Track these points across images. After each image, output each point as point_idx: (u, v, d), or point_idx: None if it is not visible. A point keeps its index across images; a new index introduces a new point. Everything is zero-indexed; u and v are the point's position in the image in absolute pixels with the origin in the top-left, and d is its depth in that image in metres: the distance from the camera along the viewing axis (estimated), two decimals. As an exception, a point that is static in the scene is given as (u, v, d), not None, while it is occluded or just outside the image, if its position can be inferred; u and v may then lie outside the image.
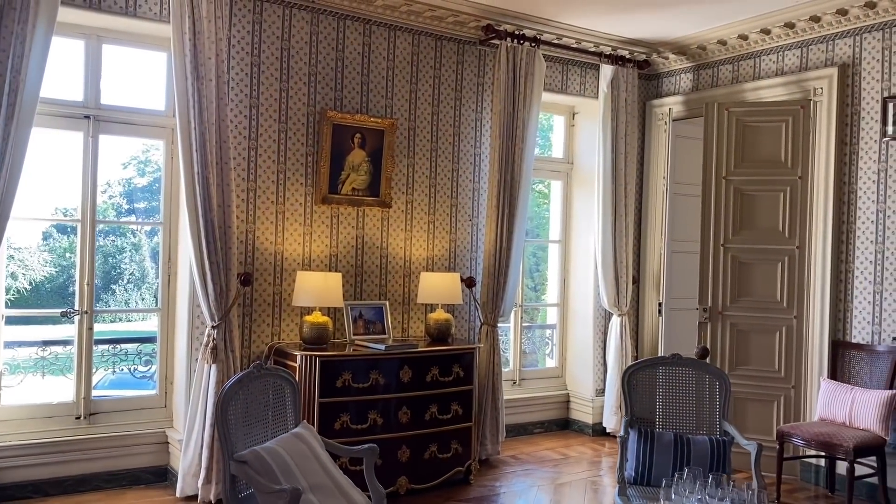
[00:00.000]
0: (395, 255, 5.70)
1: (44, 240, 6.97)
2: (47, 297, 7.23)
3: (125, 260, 7.95)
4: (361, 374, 4.78)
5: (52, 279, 7.35)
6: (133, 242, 7.96)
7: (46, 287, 7.31)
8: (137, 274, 7.85)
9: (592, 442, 6.46)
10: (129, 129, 5.07)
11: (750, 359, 5.72)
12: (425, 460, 5.01)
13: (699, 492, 2.64)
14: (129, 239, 7.85)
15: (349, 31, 5.45)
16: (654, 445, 3.90)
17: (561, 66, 6.51)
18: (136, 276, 7.82)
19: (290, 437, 3.22)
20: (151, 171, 7.28)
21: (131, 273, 7.83)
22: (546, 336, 7.30)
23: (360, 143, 5.45)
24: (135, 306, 7.65)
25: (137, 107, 5.08)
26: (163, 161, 5.19)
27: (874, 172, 5.25)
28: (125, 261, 7.93)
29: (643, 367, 4.27)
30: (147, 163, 7.41)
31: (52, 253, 7.27)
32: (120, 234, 8.11)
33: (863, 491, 5.07)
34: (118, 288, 7.77)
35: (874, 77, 5.26)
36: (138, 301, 7.77)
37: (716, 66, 6.40)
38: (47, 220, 5.91)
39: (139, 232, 7.76)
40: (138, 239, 7.92)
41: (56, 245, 7.36)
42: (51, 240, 7.34)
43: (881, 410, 4.79)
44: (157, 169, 7.13)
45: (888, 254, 5.15)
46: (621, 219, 6.46)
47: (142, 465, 4.98)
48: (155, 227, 7.20)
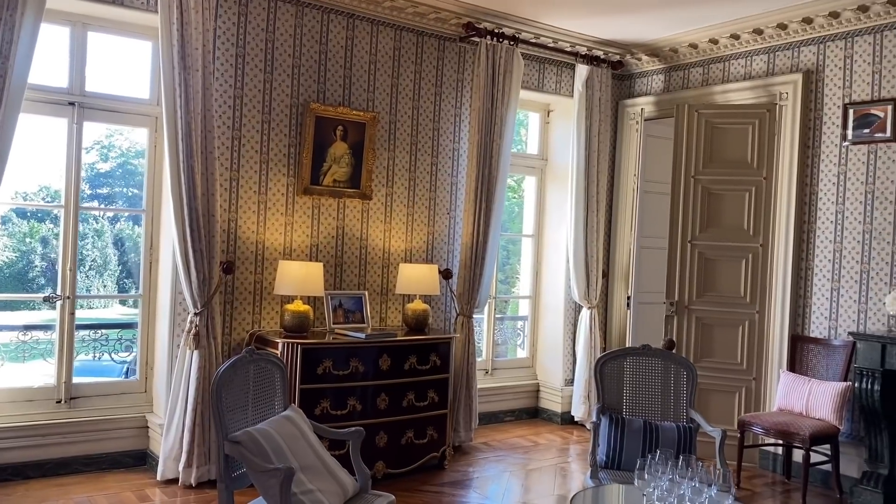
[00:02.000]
0: (375, 247, 5.82)
1: (2, 224, 6.91)
2: (7, 283, 7.15)
3: (87, 246, 7.89)
4: (341, 362, 4.90)
5: (11, 264, 7.28)
6: (95, 228, 7.91)
7: (5, 272, 7.23)
8: (100, 261, 7.82)
9: (561, 430, 6.67)
10: (114, 116, 5.11)
11: (714, 351, 5.97)
12: (402, 446, 5.16)
13: (670, 472, 2.83)
14: (91, 225, 7.81)
15: (333, 24, 5.54)
16: (625, 431, 4.09)
17: (538, 65, 6.68)
18: (98, 262, 7.79)
19: (281, 420, 3.34)
20: (115, 157, 7.26)
21: (93, 259, 7.80)
22: (518, 327, 7.48)
23: (343, 135, 5.55)
24: (97, 293, 7.61)
25: (122, 95, 5.12)
26: (146, 149, 5.23)
27: (834, 175, 5.51)
28: (87, 247, 7.88)
29: (615, 356, 4.47)
30: (111, 148, 7.38)
31: (11, 238, 7.21)
32: (82, 220, 8.16)
33: (817, 478, 5.34)
34: (79, 274, 7.72)
35: (836, 84, 5.51)
36: (100, 288, 7.74)
37: (687, 68, 6.62)
38: (32, 204, 5.90)
39: (101, 218, 7.72)
40: (101, 225, 7.89)
41: (15, 230, 7.29)
42: (10, 224, 7.28)
43: (836, 401, 5.06)
44: (120, 154, 7.11)
45: (845, 253, 5.42)
46: (593, 214, 6.66)
47: (122, 449, 5.05)
48: (118, 214, 7.21)
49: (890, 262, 5.16)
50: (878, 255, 5.24)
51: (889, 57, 5.21)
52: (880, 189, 5.24)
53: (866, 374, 4.78)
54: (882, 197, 5.23)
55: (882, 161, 5.24)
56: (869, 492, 4.79)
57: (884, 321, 5.16)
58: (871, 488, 4.80)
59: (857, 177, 5.37)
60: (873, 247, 5.26)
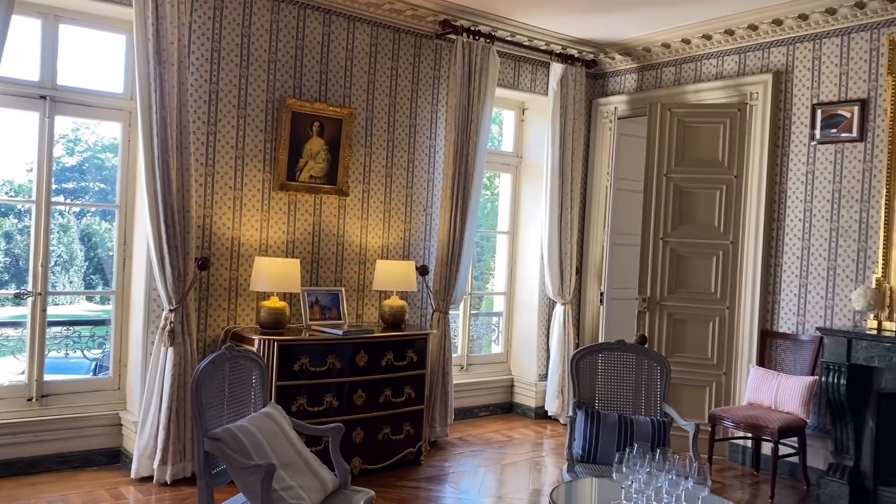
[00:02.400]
0: (352, 243, 5.82)
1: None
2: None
3: (52, 242, 7.75)
4: (318, 359, 4.90)
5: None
6: (61, 224, 7.79)
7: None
8: (65, 256, 7.70)
9: (535, 424, 6.73)
10: (86, 110, 5.04)
11: (685, 346, 6.07)
12: (379, 442, 5.17)
13: (648, 465, 2.88)
14: (56, 220, 7.69)
15: (309, 20, 5.52)
16: (600, 426, 4.15)
17: (513, 63, 6.72)
18: (63, 258, 7.67)
19: (261, 416, 3.33)
20: (82, 151, 7.15)
21: (59, 255, 7.68)
22: (492, 323, 7.54)
23: (319, 131, 5.54)
24: (62, 289, 7.50)
25: (95, 89, 5.05)
26: (119, 144, 5.17)
27: (803, 174, 5.64)
28: (52, 242, 7.74)
29: (590, 352, 4.53)
30: (77, 141, 7.27)
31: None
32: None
33: (785, 470, 5.47)
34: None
35: (805, 84, 5.64)
36: (66, 284, 7.63)
37: (660, 67, 6.71)
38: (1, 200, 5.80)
39: (67, 213, 7.60)
40: (66, 220, 7.77)
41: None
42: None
43: (803, 395, 5.19)
44: (87, 148, 6.98)
45: (813, 250, 5.55)
46: (567, 212, 6.73)
47: (94, 447, 5.00)
48: (84, 209, 7.09)
49: (856, 259, 5.30)
50: (844, 253, 5.37)
51: (855, 59, 5.34)
52: (846, 188, 5.37)
53: (833, 368, 4.91)
54: (848, 195, 5.36)
55: (848, 160, 5.37)
56: (835, 483, 4.92)
57: (850, 317, 5.30)
58: (836, 480, 4.93)
59: (825, 176, 5.50)
60: (840, 244, 5.39)
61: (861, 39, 5.31)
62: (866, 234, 5.25)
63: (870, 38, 5.26)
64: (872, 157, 5.23)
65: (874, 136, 5.22)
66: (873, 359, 4.74)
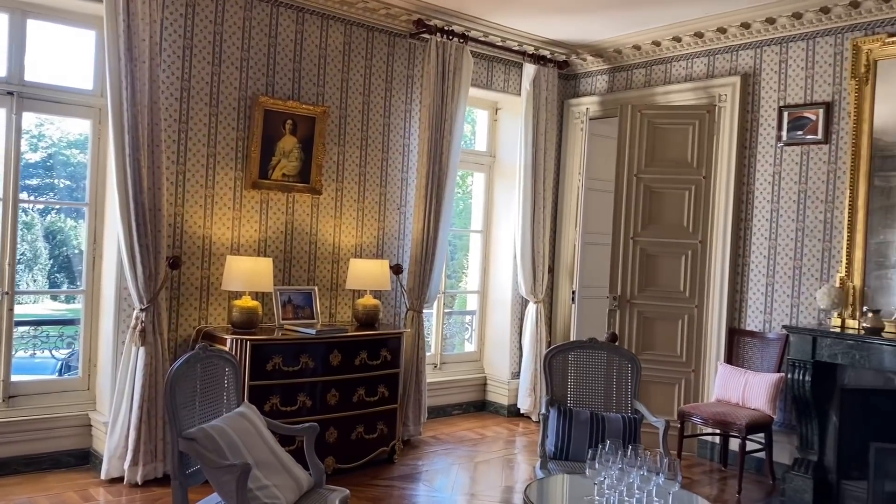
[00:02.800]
0: (325, 242, 5.81)
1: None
2: None
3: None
4: (291, 358, 4.88)
5: None
6: (24, 221, 7.66)
7: None
8: (29, 254, 7.57)
9: (507, 422, 6.78)
10: (55, 107, 4.97)
11: (655, 344, 6.16)
12: (352, 441, 5.18)
13: (620, 461, 2.93)
14: (20, 217, 7.55)
15: (282, 17, 5.50)
16: (573, 423, 4.21)
17: (486, 63, 6.76)
18: (27, 256, 7.54)
19: (235, 416, 3.32)
20: (45, 147, 7.04)
21: (22, 253, 7.55)
22: (465, 322, 7.57)
23: (292, 129, 5.52)
24: (26, 288, 7.38)
25: (64, 85, 4.97)
26: (89, 141, 5.10)
27: (770, 175, 5.75)
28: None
29: (563, 350, 4.58)
30: (41, 137, 7.15)
31: None
32: (10, 213, 7.87)
33: (752, 465, 5.58)
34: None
35: (772, 87, 5.75)
36: (30, 283, 7.50)
37: (630, 69, 6.79)
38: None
39: (31, 210, 7.48)
40: (30, 217, 7.64)
41: None
42: None
43: (770, 392, 5.30)
44: (51, 144, 6.87)
45: (779, 249, 5.67)
46: (539, 211, 6.78)
47: (63, 448, 4.93)
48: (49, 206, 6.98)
49: (821, 258, 5.42)
50: (809, 252, 5.49)
51: (821, 62, 5.46)
52: (812, 189, 5.49)
53: (798, 365, 5.02)
54: (814, 196, 5.48)
55: (814, 162, 5.49)
56: (800, 477, 5.03)
57: (815, 315, 5.42)
58: (801, 474, 5.04)
59: (791, 177, 5.61)
60: (805, 244, 5.52)
61: (826, 44, 5.43)
62: (831, 234, 5.37)
63: (834, 43, 5.39)
64: (837, 158, 5.36)
65: (838, 139, 5.35)
66: (837, 356, 4.86)
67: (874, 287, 5.08)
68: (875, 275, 5.09)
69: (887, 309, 4.93)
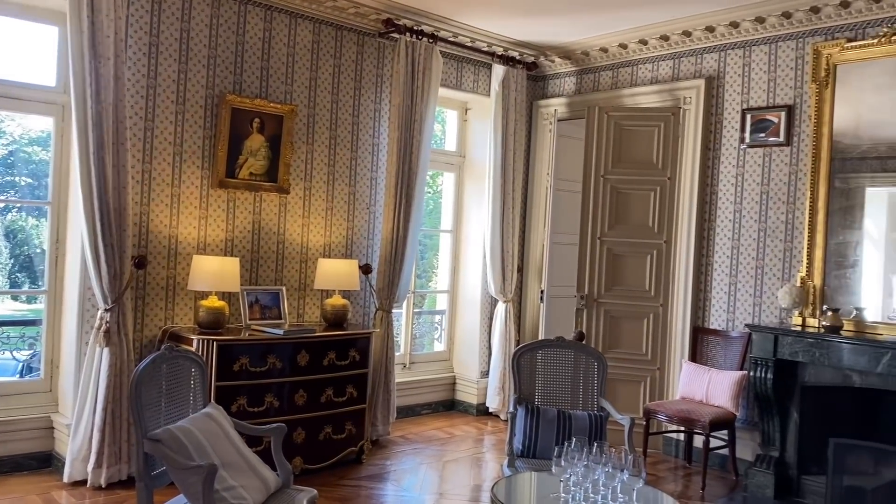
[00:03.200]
0: (293, 241, 5.78)
1: None
2: None
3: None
4: (258, 359, 4.85)
5: None
6: (-19, 220, 7.49)
7: None
8: (-14, 254, 7.41)
9: (476, 421, 6.81)
10: (17, 104, 4.88)
11: (621, 342, 6.24)
12: (320, 441, 5.16)
13: (585, 458, 2.97)
14: (-23, 217, 7.40)
15: (250, 15, 5.46)
16: (540, 421, 4.25)
17: (456, 63, 6.78)
18: (-17, 256, 7.38)
19: (202, 417, 3.30)
20: (6, 144, 6.90)
21: (-22, 254, 7.39)
22: (435, 321, 7.58)
23: (259, 127, 5.49)
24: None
25: (25, 81, 4.88)
26: (52, 138, 5.02)
27: (733, 176, 5.86)
28: (-30, 239, 7.43)
29: (531, 348, 4.62)
30: (1, 134, 7.01)
31: None
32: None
33: (716, 462, 5.68)
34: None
35: (735, 90, 5.85)
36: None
37: (598, 71, 6.87)
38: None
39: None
40: (-12, 217, 7.47)
41: None
42: None
43: (733, 389, 5.39)
44: (11, 141, 6.74)
45: (742, 250, 5.78)
46: (509, 211, 6.83)
47: (24, 451, 4.84)
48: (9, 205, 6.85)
49: (782, 258, 5.53)
50: (771, 252, 5.60)
51: (783, 66, 5.57)
52: (774, 190, 5.60)
53: (760, 363, 5.12)
54: (776, 197, 5.59)
55: (776, 164, 5.60)
56: (762, 473, 5.13)
57: (777, 314, 5.53)
58: (763, 470, 5.14)
59: (754, 178, 5.72)
60: (767, 244, 5.63)
61: (788, 48, 5.55)
62: (792, 235, 5.49)
63: (796, 47, 5.50)
64: (798, 160, 5.47)
65: (799, 141, 5.46)
66: (798, 354, 4.97)
67: (834, 286, 5.20)
68: (835, 274, 5.21)
69: (846, 308, 5.05)
